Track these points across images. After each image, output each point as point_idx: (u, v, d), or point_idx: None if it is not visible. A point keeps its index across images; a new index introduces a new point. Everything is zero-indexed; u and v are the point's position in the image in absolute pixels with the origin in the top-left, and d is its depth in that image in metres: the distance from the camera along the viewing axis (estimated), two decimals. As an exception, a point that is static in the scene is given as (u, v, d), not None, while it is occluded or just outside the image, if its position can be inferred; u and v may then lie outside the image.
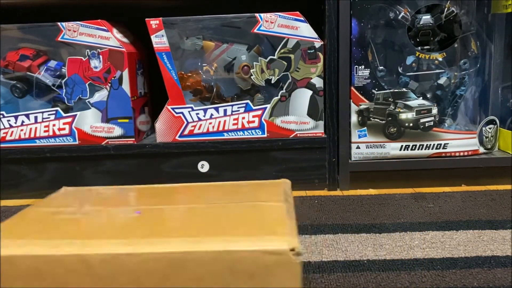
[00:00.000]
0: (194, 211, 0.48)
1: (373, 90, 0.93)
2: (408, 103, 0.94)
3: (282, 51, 0.93)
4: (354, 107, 0.95)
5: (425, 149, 0.95)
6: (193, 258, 0.36)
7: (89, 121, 0.97)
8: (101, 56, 0.94)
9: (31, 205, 0.51)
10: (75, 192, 0.56)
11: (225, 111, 0.96)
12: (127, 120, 0.97)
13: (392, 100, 0.94)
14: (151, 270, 0.37)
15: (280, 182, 0.57)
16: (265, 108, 0.96)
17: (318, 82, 0.94)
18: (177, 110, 0.96)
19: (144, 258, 0.37)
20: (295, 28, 0.92)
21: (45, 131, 0.98)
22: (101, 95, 0.96)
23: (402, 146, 0.95)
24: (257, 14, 0.91)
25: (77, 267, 0.37)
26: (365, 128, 0.95)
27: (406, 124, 0.94)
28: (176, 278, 0.37)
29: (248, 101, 0.96)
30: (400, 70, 0.93)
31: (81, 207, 0.50)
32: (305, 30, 0.92)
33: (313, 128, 0.96)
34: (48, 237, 0.41)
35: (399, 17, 0.90)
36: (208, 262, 0.36)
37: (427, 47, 0.94)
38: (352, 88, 0.94)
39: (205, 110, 0.96)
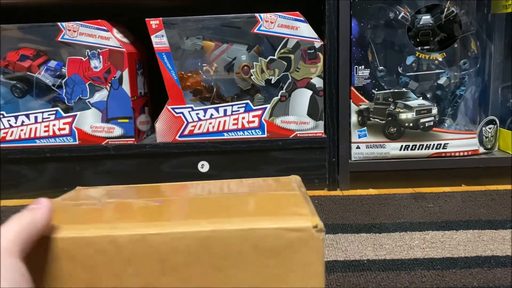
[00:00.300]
0: (214, 200, 0.49)
1: (373, 90, 0.93)
2: (408, 103, 0.94)
3: (282, 51, 0.93)
4: (354, 107, 0.95)
5: (425, 149, 0.95)
6: (219, 236, 0.37)
7: (89, 121, 0.97)
8: (101, 56, 0.94)
9: None
10: (90, 190, 0.56)
11: (225, 111, 0.96)
12: (127, 120, 0.97)
13: (392, 100, 0.94)
14: (178, 249, 0.37)
15: (291, 178, 0.57)
16: (265, 108, 0.96)
17: (318, 82, 0.94)
18: (177, 110, 0.96)
19: (172, 237, 0.37)
20: (295, 28, 0.92)
21: (45, 131, 0.98)
22: (101, 95, 0.96)
23: (402, 146, 0.95)
24: (257, 14, 0.91)
25: (107, 247, 0.37)
26: (365, 128, 0.95)
27: (406, 124, 0.94)
28: (202, 257, 0.38)
29: (248, 101, 0.96)
30: (400, 70, 0.93)
31: (101, 200, 0.51)
32: (305, 30, 0.92)
33: (313, 128, 0.96)
34: (75, 222, 0.42)
35: (399, 17, 0.90)
36: (233, 240, 0.37)
37: (427, 47, 0.94)
38: (352, 88, 0.94)
39: (205, 110, 0.96)
